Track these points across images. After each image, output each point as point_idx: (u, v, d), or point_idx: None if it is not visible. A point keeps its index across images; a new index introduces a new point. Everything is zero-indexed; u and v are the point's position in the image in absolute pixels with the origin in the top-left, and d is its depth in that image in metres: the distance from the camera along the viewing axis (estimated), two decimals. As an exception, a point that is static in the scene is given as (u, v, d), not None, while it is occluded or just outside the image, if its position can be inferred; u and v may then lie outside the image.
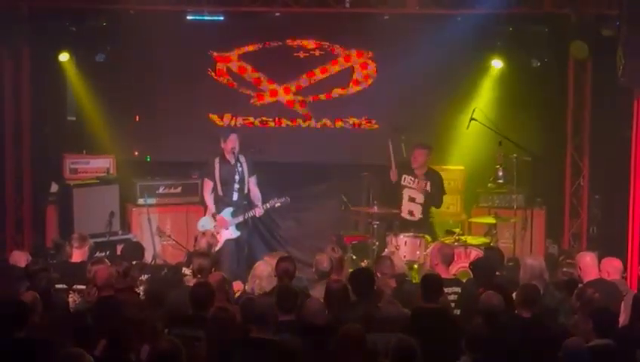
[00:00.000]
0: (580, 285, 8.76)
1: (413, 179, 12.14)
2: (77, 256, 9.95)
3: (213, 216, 11.69)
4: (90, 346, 6.80)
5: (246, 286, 9.26)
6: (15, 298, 7.72)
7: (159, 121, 13.55)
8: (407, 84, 13.05)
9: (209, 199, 11.81)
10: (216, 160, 11.77)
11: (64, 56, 12.93)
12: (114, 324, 6.90)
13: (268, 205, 11.71)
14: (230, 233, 11.69)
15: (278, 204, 11.73)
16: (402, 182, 12.16)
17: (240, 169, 11.68)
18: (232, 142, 11.66)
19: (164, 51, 13.17)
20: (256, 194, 11.78)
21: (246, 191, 11.75)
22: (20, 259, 9.71)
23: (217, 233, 11.43)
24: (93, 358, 6.39)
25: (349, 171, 13.50)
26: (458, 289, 8.90)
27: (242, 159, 11.73)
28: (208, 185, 11.83)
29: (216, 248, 11.31)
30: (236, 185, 11.70)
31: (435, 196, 12.13)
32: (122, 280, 8.53)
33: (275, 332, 7.10)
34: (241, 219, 11.66)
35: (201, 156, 13.01)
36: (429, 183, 12.09)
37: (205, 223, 11.71)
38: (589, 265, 9.03)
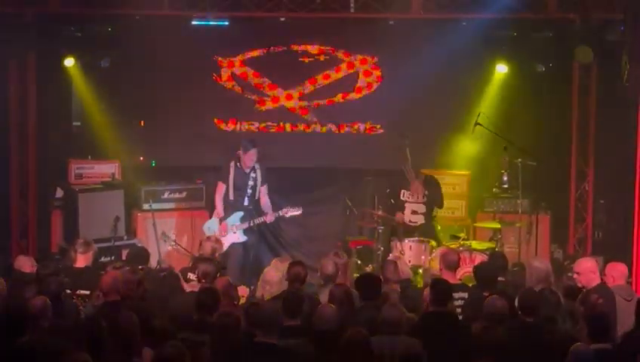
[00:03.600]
0: (584, 290, 8.74)
1: (411, 194, 12.14)
2: (81, 261, 9.95)
3: (220, 220, 11.76)
4: (98, 352, 6.81)
5: (256, 292, 9.27)
6: (17, 303, 7.73)
7: (164, 126, 13.58)
8: (412, 88, 13.04)
9: (219, 202, 11.93)
10: (232, 164, 11.86)
11: (69, 61, 12.97)
12: (119, 328, 6.90)
13: (280, 213, 11.80)
14: (238, 236, 11.77)
15: (290, 213, 11.82)
16: (402, 198, 12.17)
17: (254, 175, 11.81)
18: (250, 159, 11.78)
19: (168, 56, 13.20)
20: (266, 202, 11.91)
21: (257, 197, 11.83)
22: (25, 263, 9.72)
23: (222, 236, 11.49)
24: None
25: (354, 176, 13.52)
26: (465, 295, 8.88)
27: (257, 166, 11.85)
28: (221, 187, 11.94)
29: (221, 252, 11.34)
30: (249, 191, 11.84)
31: (434, 199, 12.14)
32: (135, 288, 8.47)
33: (280, 337, 7.11)
34: (246, 225, 11.73)
35: (206, 161, 13.06)
36: (426, 193, 12.12)
37: (212, 225, 11.78)
38: (588, 271, 8.98)
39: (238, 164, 11.89)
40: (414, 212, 12.17)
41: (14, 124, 12.95)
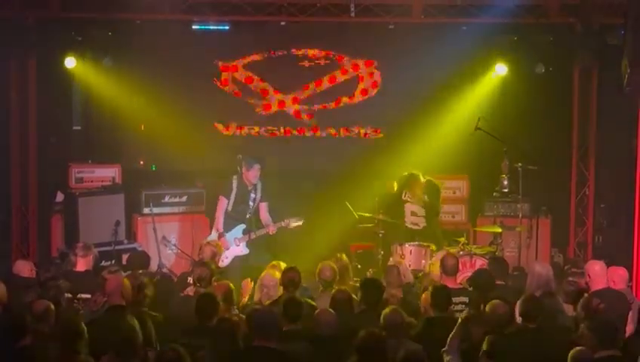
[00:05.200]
0: (585, 294, 8.73)
1: (411, 195, 12.16)
2: (81, 265, 9.95)
3: (220, 235, 11.73)
4: (97, 355, 6.82)
5: (254, 296, 9.26)
6: (17, 308, 7.73)
7: (165, 129, 13.55)
8: (412, 92, 13.07)
9: (220, 217, 11.82)
10: (234, 179, 11.79)
11: (71, 62, 12.95)
12: (121, 332, 6.90)
13: (283, 223, 11.75)
14: (241, 249, 11.73)
15: (294, 224, 11.78)
16: (403, 197, 12.20)
17: (254, 195, 11.81)
18: (254, 175, 11.70)
19: (169, 60, 13.22)
20: (267, 219, 11.84)
21: (254, 210, 11.85)
22: (24, 268, 9.71)
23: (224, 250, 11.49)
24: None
25: (354, 180, 13.50)
26: (465, 299, 8.87)
27: (258, 186, 11.82)
28: (223, 202, 11.83)
29: (226, 262, 11.34)
30: (251, 203, 11.82)
31: (432, 206, 12.15)
32: (136, 294, 8.46)
33: (280, 341, 7.10)
34: (247, 238, 11.72)
35: (206, 165, 13.04)
36: (425, 196, 12.12)
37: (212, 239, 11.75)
38: (598, 274, 8.98)
39: (240, 179, 11.84)
40: (413, 213, 12.17)
41: (15, 128, 12.96)
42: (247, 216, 11.80)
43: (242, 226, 11.77)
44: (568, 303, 8.90)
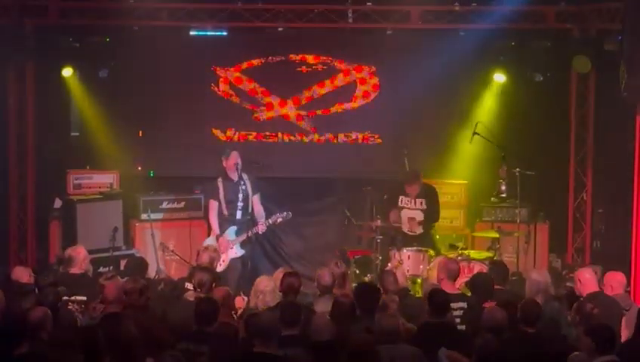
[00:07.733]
0: (581, 298, 8.74)
1: (409, 200, 12.12)
2: (76, 267, 10.01)
3: (217, 237, 11.70)
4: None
5: (250, 302, 9.25)
6: (16, 314, 7.73)
7: (163, 136, 13.58)
8: (410, 98, 13.08)
9: (214, 221, 11.78)
10: (219, 180, 11.75)
11: (67, 72, 13.01)
12: (120, 340, 6.89)
13: (270, 221, 11.68)
14: (235, 252, 11.69)
15: (280, 219, 11.69)
16: (400, 204, 12.15)
17: (244, 187, 11.69)
18: (234, 159, 11.65)
19: (167, 67, 13.23)
20: (260, 212, 11.76)
21: (250, 209, 11.75)
22: (22, 274, 9.70)
23: (222, 253, 11.44)
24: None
25: (352, 186, 13.52)
26: (464, 305, 8.87)
27: (245, 177, 11.72)
28: (213, 205, 11.78)
29: (223, 267, 11.31)
30: (240, 204, 11.70)
31: (432, 211, 12.11)
32: (138, 297, 8.44)
33: (279, 347, 7.09)
34: (244, 237, 11.67)
35: (204, 171, 13.03)
36: (424, 201, 12.08)
37: (210, 244, 11.72)
38: (589, 280, 8.98)
39: (225, 177, 11.78)
40: (411, 219, 12.13)
41: (13, 134, 12.96)
42: (239, 218, 11.74)
43: (234, 228, 11.72)
44: (562, 305, 8.90)
